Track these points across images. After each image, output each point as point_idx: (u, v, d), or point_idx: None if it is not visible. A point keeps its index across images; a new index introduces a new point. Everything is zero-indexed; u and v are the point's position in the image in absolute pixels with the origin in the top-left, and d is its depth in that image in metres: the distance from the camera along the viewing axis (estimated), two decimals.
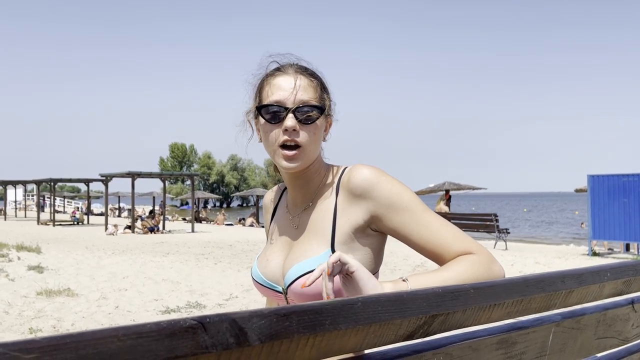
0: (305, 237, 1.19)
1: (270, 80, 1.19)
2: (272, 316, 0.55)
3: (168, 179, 27.66)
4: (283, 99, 1.15)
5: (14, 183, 34.67)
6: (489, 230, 15.09)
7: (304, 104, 1.15)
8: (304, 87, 1.16)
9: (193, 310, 6.07)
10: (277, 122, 1.15)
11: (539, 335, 0.93)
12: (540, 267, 10.10)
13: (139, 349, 0.46)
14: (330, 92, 1.24)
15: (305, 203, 1.24)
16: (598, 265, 1.05)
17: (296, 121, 1.14)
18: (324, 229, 1.16)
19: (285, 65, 1.20)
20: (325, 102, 1.20)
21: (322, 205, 1.20)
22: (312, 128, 1.16)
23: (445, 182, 18.68)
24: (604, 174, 12.92)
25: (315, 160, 1.21)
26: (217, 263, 10.32)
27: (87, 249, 12.91)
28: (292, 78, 1.17)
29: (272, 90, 1.17)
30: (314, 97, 1.16)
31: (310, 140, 1.16)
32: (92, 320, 5.57)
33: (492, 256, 1.09)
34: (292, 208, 1.28)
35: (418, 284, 1.01)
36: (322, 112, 1.17)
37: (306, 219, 1.22)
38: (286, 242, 1.24)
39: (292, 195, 1.28)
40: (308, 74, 1.19)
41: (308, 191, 1.24)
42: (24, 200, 40.35)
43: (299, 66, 1.20)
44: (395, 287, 1.00)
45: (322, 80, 1.22)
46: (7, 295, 6.63)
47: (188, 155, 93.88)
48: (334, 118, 1.26)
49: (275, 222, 1.32)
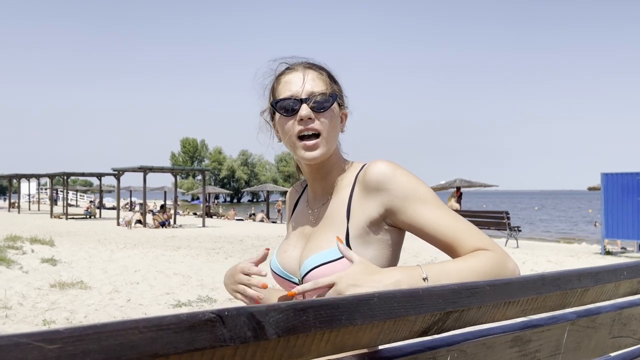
0: (321, 231, 1.21)
1: (281, 78, 1.24)
2: (289, 310, 0.55)
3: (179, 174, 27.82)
4: (295, 91, 1.19)
5: (28, 177, 35.03)
6: (500, 228, 14.99)
7: (315, 93, 1.18)
8: (313, 78, 1.20)
9: (204, 304, 6.11)
10: (292, 114, 1.18)
11: (554, 334, 0.92)
12: (552, 265, 10.03)
13: (159, 341, 0.46)
14: (341, 84, 1.28)
15: (325, 197, 1.26)
16: (614, 264, 1.04)
17: (310, 110, 1.17)
18: (339, 222, 1.18)
19: (294, 63, 1.25)
20: (336, 92, 1.23)
21: (339, 199, 1.22)
22: (328, 115, 1.19)
23: (457, 179, 18.59)
24: (617, 172, 12.78)
25: (334, 152, 1.24)
26: (228, 258, 10.37)
27: (100, 243, 13.03)
28: (300, 72, 1.21)
29: (284, 86, 1.22)
30: (324, 87, 1.20)
31: (328, 128, 1.19)
32: (104, 313, 5.63)
33: (506, 254, 1.09)
34: (311, 202, 1.31)
35: (433, 272, 1.01)
36: (334, 100, 1.20)
37: (324, 212, 1.24)
38: (304, 235, 1.27)
39: (312, 189, 1.31)
40: (316, 67, 1.24)
41: (327, 184, 1.26)
42: (37, 193, 40.79)
43: (307, 62, 1.25)
44: (407, 274, 1.00)
45: (330, 72, 1.26)
46: (21, 287, 6.72)
47: (199, 151, 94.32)
48: (348, 110, 1.29)
49: (295, 216, 1.36)
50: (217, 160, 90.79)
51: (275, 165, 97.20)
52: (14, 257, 8.95)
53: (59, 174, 27.71)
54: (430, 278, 1.00)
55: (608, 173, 12.90)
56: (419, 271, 1.01)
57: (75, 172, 28.08)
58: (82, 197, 49.20)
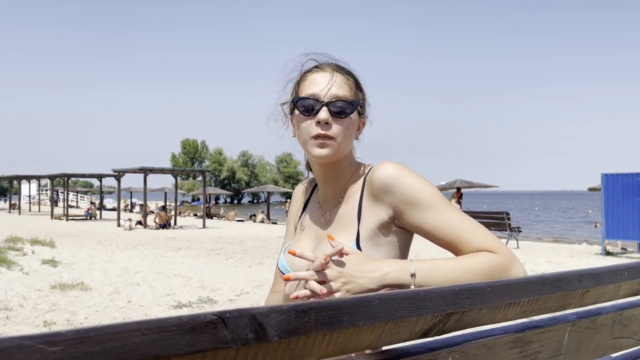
0: (333, 233, 1.22)
1: (308, 75, 1.23)
2: (290, 312, 0.55)
3: (180, 175, 27.80)
4: (318, 92, 1.18)
5: (28, 178, 35.05)
6: (500, 228, 14.99)
7: (338, 98, 1.17)
8: (339, 83, 1.19)
9: (205, 305, 6.11)
10: (311, 114, 1.18)
11: (555, 335, 0.92)
12: (553, 266, 10.02)
13: (161, 343, 0.46)
14: (366, 93, 1.27)
15: (336, 199, 1.27)
16: (615, 265, 1.04)
17: (329, 114, 1.17)
18: (350, 224, 1.19)
19: (323, 63, 1.24)
20: (359, 100, 1.22)
21: (350, 202, 1.22)
22: (345, 122, 1.18)
23: (457, 179, 18.59)
24: (618, 172, 12.78)
25: (346, 156, 1.24)
26: (229, 259, 10.37)
27: (100, 244, 13.03)
28: (328, 74, 1.20)
29: (309, 84, 1.21)
30: (348, 94, 1.19)
31: (343, 134, 1.18)
32: (105, 314, 5.63)
33: (513, 257, 1.09)
34: (323, 204, 1.30)
35: (423, 268, 1.05)
36: (355, 108, 1.20)
37: (335, 214, 1.25)
38: (316, 236, 1.27)
39: (322, 191, 1.30)
40: (345, 72, 1.23)
41: (338, 186, 1.26)
42: (37, 194, 40.83)
43: (336, 65, 1.24)
44: (396, 268, 1.05)
45: (357, 79, 1.25)
46: (21, 289, 6.72)
47: (199, 152, 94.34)
48: (368, 120, 1.29)
49: (306, 217, 1.35)
50: (217, 161, 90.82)
51: (276, 166, 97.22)
52: (15, 258, 8.96)
53: (59, 175, 27.73)
54: (418, 274, 1.03)
55: (608, 173, 12.90)
56: (408, 266, 1.04)
57: (76, 173, 28.13)
58: (82, 198, 49.22)
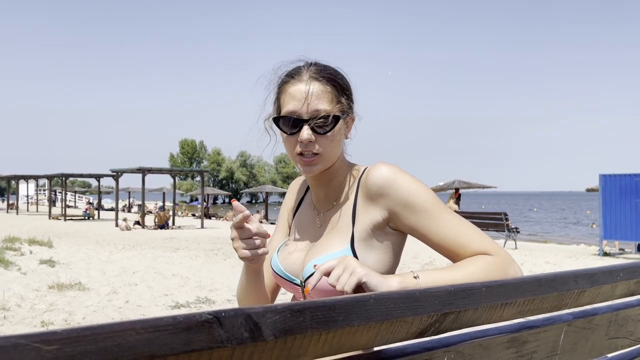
0: (327, 235, 1.21)
1: (286, 88, 1.18)
2: (286, 312, 0.56)
3: (178, 175, 27.76)
4: (297, 109, 1.15)
5: (26, 178, 34.99)
6: (498, 229, 15.00)
7: (318, 113, 1.14)
8: (317, 94, 1.14)
9: (202, 305, 6.11)
10: (294, 133, 1.16)
11: (551, 335, 0.93)
12: (551, 266, 10.04)
13: (156, 342, 0.47)
14: (351, 90, 1.22)
15: (330, 201, 1.26)
16: (611, 265, 1.04)
17: (312, 133, 1.14)
18: (344, 226, 1.18)
19: (300, 70, 1.18)
20: (343, 106, 1.18)
21: (344, 204, 1.22)
22: (330, 136, 1.16)
23: (455, 180, 18.59)
24: (616, 173, 12.80)
25: (336, 160, 1.22)
26: (227, 259, 10.36)
27: (98, 244, 13.02)
28: (305, 85, 1.15)
29: (288, 99, 1.17)
30: (329, 104, 1.15)
31: (328, 148, 1.16)
32: (102, 314, 5.63)
33: (510, 258, 1.08)
34: (317, 205, 1.29)
35: (429, 281, 1.02)
36: (338, 120, 1.16)
37: (329, 216, 1.24)
38: (310, 238, 1.26)
39: (315, 193, 1.29)
40: (322, 77, 1.17)
41: (331, 189, 1.25)
42: (35, 194, 40.78)
43: (314, 70, 1.18)
44: (403, 282, 1.02)
45: (339, 82, 1.19)
46: (19, 289, 6.71)
47: (198, 152, 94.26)
48: (356, 116, 1.25)
49: (299, 218, 1.34)
50: (215, 162, 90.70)
51: (274, 167, 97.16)
52: (12, 258, 8.94)
53: (57, 175, 27.70)
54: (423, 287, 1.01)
55: (606, 174, 12.93)
56: (415, 282, 1.02)
57: (74, 173, 28.09)
58: (80, 198, 49.16)
